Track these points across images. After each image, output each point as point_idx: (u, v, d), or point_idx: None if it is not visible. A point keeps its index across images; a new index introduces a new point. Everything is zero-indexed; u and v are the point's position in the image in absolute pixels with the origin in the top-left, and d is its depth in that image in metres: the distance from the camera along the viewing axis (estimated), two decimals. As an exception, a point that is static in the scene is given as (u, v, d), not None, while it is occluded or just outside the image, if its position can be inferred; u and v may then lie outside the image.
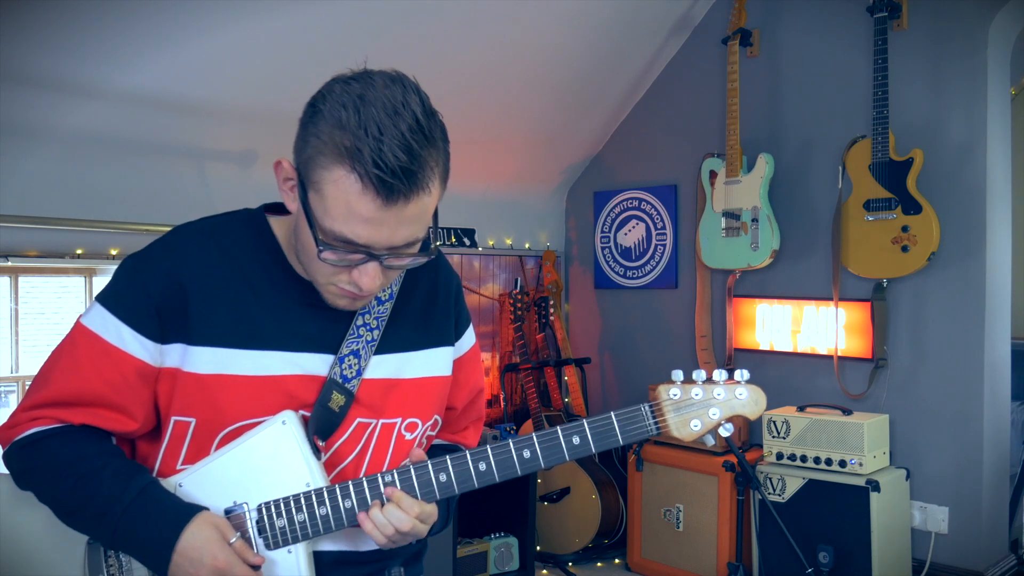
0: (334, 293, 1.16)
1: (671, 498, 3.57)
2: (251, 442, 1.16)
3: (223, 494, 1.16)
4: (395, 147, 1.00)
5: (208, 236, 1.20)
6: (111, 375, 1.15)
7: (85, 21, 2.40)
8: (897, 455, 3.26)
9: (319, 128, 1.04)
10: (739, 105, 3.53)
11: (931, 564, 3.19)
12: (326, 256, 1.08)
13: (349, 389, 1.20)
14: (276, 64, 2.88)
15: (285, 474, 1.16)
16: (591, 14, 3.49)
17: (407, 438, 1.26)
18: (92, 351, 1.15)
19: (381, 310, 1.25)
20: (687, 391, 1.17)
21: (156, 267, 1.16)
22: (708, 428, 1.17)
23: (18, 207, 2.68)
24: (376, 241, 1.06)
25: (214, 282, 1.16)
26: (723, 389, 1.17)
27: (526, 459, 1.16)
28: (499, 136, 3.89)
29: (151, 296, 1.14)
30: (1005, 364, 3.25)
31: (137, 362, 1.15)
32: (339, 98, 1.03)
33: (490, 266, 4.34)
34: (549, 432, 1.18)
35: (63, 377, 1.16)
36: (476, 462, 1.16)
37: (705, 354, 3.86)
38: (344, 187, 1.02)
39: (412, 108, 1.02)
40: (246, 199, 3.45)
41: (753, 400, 1.16)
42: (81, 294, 3.11)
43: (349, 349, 1.21)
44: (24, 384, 3.00)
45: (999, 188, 3.17)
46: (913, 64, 3.22)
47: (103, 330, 1.15)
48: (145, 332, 1.15)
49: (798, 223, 3.54)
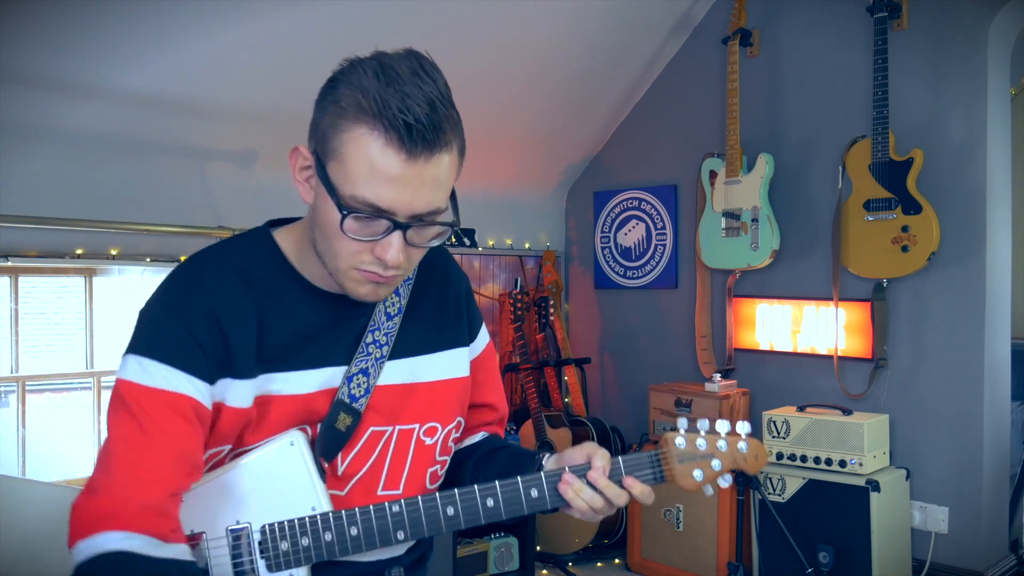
0: (356, 279, 1.11)
1: (671, 498, 3.57)
2: (257, 461, 1.14)
3: (226, 512, 1.14)
4: (419, 99, 1.01)
5: (227, 265, 1.15)
6: (180, 427, 1.07)
7: (85, 21, 2.40)
8: (897, 455, 3.26)
9: (338, 95, 1.03)
10: (739, 105, 3.53)
11: (931, 564, 3.19)
12: (348, 226, 1.04)
13: (356, 408, 1.18)
14: (276, 64, 2.88)
15: (291, 496, 1.15)
16: (591, 14, 3.50)
17: (427, 443, 1.24)
18: (155, 408, 1.06)
19: (390, 325, 1.22)
20: (691, 441, 1.22)
21: (192, 305, 1.10)
22: (709, 479, 1.22)
23: (18, 207, 2.68)
24: (399, 204, 1.04)
25: (245, 311, 1.13)
26: (725, 442, 1.21)
27: (533, 498, 1.18)
28: (499, 136, 3.89)
29: (195, 335, 1.08)
30: (1005, 364, 3.25)
31: (197, 403, 1.08)
32: (359, 68, 1.03)
33: (490, 266, 4.34)
34: (556, 470, 1.19)
35: (128, 458, 1.05)
36: (484, 498, 1.16)
37: (705, 354, 3.86)
38: (366, 144, 1.02)
39: (432, 76, 1.03)
40: (246, 199, 3.46)
41: (753, 455, 1.21)
42: (81, 294, 3.11)
43: (358, 368, 1.18)
44: (24, 384, 3.00)
45: (999, 188, 3.17)
46: (913, 64, 3.22)
47: (154, 380, 1.07)
48: (198, 374, 1.08)
49: (798, 223, 3.54)
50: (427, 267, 1.30)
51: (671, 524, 3.57)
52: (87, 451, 3.15)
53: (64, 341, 3.14)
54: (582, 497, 1.17)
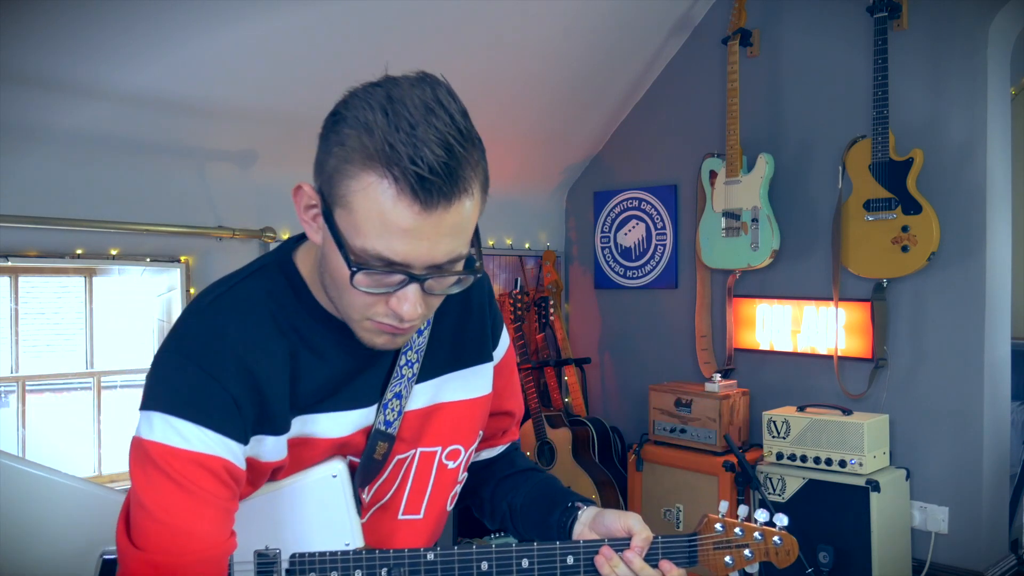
0: (370, 330, 1.02)
1: (671, 498, 3.57)
2: (296, 488, 1.12)
3: (257, 535, 1.11)
4: (432, 143, 0.89)
5: (253, 306, 1.06)
6: (220, 490, 0.99)
7: (85, 21, 2.40)
8: (897, 455, 3.26)
9: (343, 135, 0.92)
10: (739, 105, 3.53)
11: (931, 564, 3.19)
12: (360, 280, 0.95)
13: (391, 434, 1.14)
14: (276, 64, 2.88)
15: (325, 528, 1.13)
16: (591, 14, 3.49)
17: (449, 467, 1.21)
18: (189, 470, 0.97)
19: (420, 342, 1.16)
20: (730, 528, 1.22)
21: (222, 357, 1.00)
22: (739, 567, 1.23)
23: (18, 207, 2.67)
24: (415, 257, 0.94)
25: (276, 359, 1.04)
26: (761, 534, 1.22)
27: (568, 565, 1.16)
28: (499, 136, 3.89)
29: (229, 391, 0.99)
30: (1005, 364, 3.25)
31: (231, 466, 1.00)
32: (363, 101, 0.92)
33: (490, 266, 4.34)
34: (595, 541, 1.17)
35: (180, 527, 0.98)
36: (520, 558, 1.14)
37: (705, 354, 3.86)
38: (376, 194, 0.91)
39: (446, 106, 0.92)
40: (246, 199, 3.46)
41: (786, 551, 1.21)
42: (81, 294, 3.11)
43: (392, 392, 1.14)
44: (24, 384, 3.01)
45: (999, 188, 3.17)
46: (913, 64, 3.22)
47: (189, 443, 0.97)
48: (233, 435, 1.00)
49: (798, 223, 3.54)
50: None
51: (671, 524, 3.57)
52: (87, 451, 3.15)
53: (64, 341, 3.15)
54: (616, 573, 1.15)
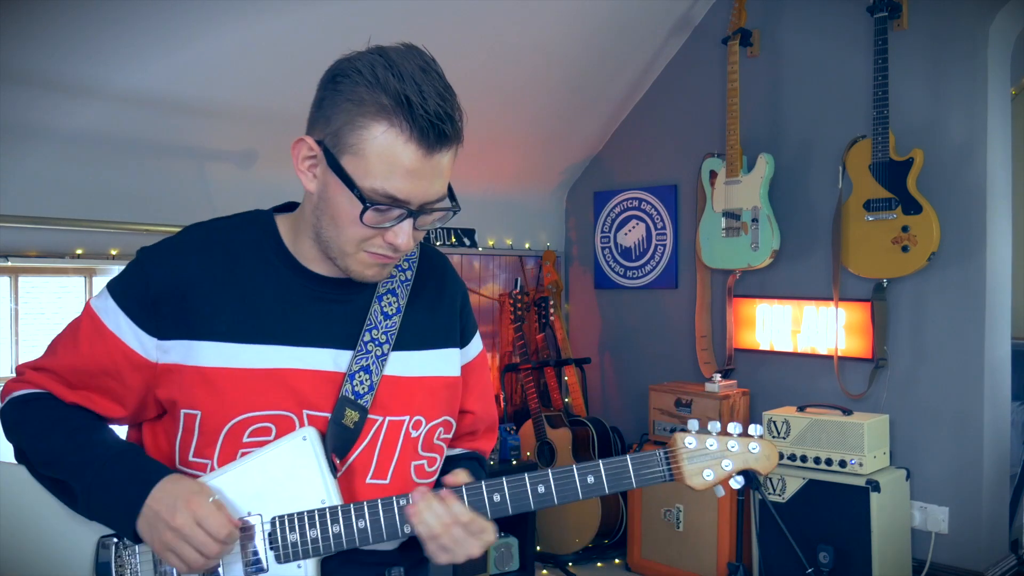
0: (364, 262, 1.17)
1: (671, 498, 3.57)
2: (270, 455, 1.17)
3: (238, 504, 1.17)
4: (435, 96, 1.07)
5: (215, 235, 1.24)
6: (104, 359, 1.19)
7: (85, 21, 2.40)
8: (897, 455, 3.26)
9: (354, 92, 1.08)
10: (739, 105, 3.53)
11: (931, 564, 3.19)
12: (369, 217, 1.11)
13: (362, 405, 1.21)
14: (276, 64, 2.88)
15: (301, 489, 1.17)
16: (591, 14, 3.50)
17: (412, 435, 1.27)
18: (92, 332, 1.20)
19: (388, 324, 1.26)
20: (702, 441, 1.21)
21: (161, 261, 1.20)
22: (720, 479, 1.21)
23: (18, 207, 2.68)
24: (415, 195, 1.11)
25: (218, 279, 1.19)
26: (737, 442, 1.21)
27: (540, 494, 1.19)
28: (499, 136, 3.89)
29: (150, 288, 1.18)
30: (1005, 364, 3.25)
31: (129, 351, 1.18)
32: (366, 64, 1.08)
33: (490, 266, 4.34)
34: (564, 470, 1.20)
35: (65, 351, 1.23)
36: (491, 493, 1.18)
37: (705, 354, 3.86)
38: (387, 141, 1.07)
39: (434, 68, 1.10)
40: (246, 199, 3.46)
41: (765, 455, 1.21)
42: (81, 294, 3.11)
43: (359, 366, 1.22)
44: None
45: (999, 188, 3.17)
46: (913, 64, 3.22)
47: (104, 315, 1.20)
48: (141, 324, 1.18)
49: (798, 223, 3.54)
50: (426, 269, 1.33)
51: (671, 524, 3.57)
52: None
53: (64, 341, 3.14)
54: (423, 518, 1.17)
